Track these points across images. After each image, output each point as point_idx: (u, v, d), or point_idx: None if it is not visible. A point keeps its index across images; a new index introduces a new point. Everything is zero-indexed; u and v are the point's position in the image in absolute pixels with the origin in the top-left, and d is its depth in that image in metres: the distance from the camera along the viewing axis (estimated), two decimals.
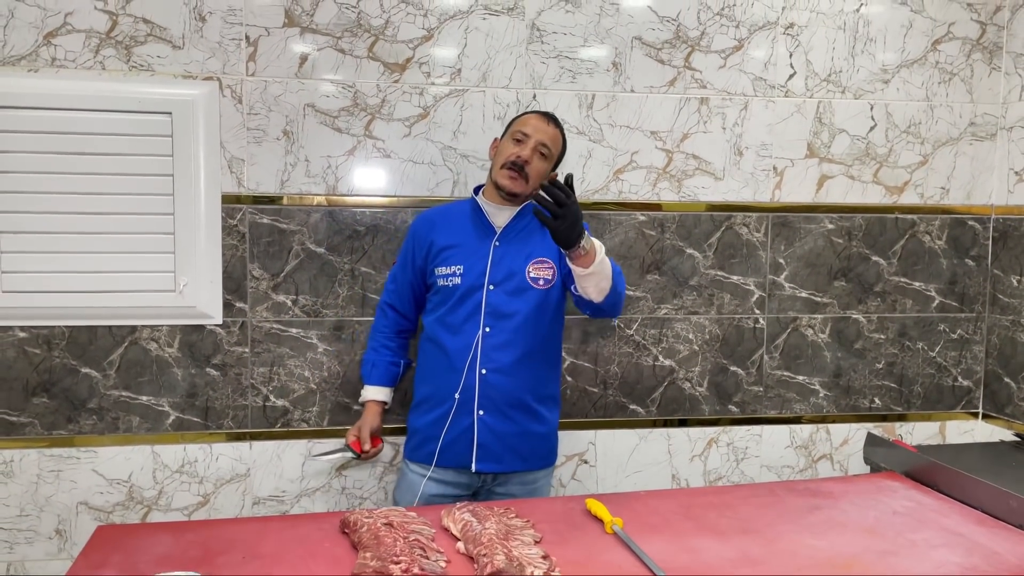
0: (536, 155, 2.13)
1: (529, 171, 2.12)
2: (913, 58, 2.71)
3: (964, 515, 1.90)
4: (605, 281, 1.97)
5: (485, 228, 2.18)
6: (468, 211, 2.23)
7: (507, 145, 2.16)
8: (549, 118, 2.20)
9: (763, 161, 2.65)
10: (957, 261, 2.79)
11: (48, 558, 2.40)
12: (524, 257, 2.15)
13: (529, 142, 2.13)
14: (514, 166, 2.11)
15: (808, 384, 2.75)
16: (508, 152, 2.14)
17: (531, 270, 2.14)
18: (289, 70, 2.40)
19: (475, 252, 2.15)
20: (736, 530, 1.80)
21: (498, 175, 2.14)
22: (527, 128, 2.15)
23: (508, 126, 2.23)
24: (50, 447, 2.37)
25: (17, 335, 2.33)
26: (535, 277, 2.13)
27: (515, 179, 2.12)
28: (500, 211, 2.19)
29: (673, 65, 2.58)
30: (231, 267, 2.41)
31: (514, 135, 2.16)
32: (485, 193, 2.23)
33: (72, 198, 2.30)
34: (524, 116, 2.22)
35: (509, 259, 2.14)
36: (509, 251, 2.15)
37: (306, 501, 2.50)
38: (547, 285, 2.14)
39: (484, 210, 2.20)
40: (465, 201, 2.27)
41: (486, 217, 2.19)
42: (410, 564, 1.52)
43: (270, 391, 2.46)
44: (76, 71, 2.30)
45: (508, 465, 2.14)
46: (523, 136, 2.14)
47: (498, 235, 2.17)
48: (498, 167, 2.14)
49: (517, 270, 2.13)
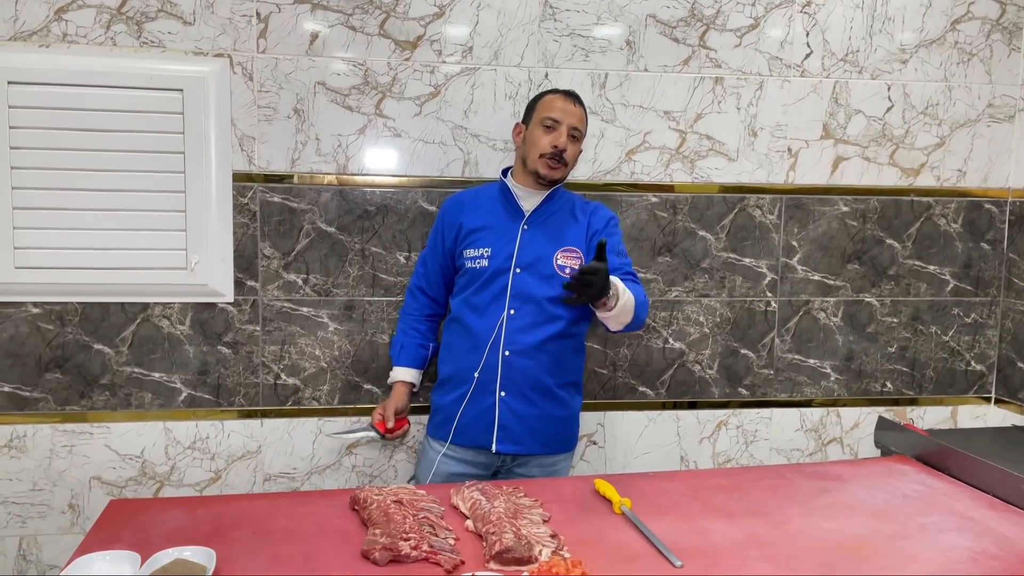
0: (569, 140, 2.13)
1: (567, 157, 2.13)
2: (932, 38, 2.67)
3: (975, 499, 1.89)
4: (626, 316, 1.99)
5: (514, 211, 2.18)
6: (497, 193, 2.22)
7: (538, 133, 2.13)
8: (574, 98, 2.17)
9: (777, 142, 2.63)
10: (972, 245, 2.76)
11: (61, 532, 2.42)
12: (552, 243, 2.14)
13: (562, 128, 2.12)
14: (553, 156, 2.11)
15: (819, 367, 2.73)
16: (543, 142, 2.12)
17: (559, 257, 2.13)
18: (300, 47, 2.38)
19: (503, 235, 2.15)
20: (745, 512, 1.80)
21: (538, 165, 2.12)
22: (556, 113, 2.12)
23: (531, 109, 2.20)
24: (63, 422, 2.39)
25: (30, 311, 2.34)
26: (562, 265, 2.13)
27: (555, 168, 2.12)
28: (530, 195, 2.18)
29: (688, 44, 2.55)
30: (242, 245, 2.41)
31: (543, 122, 2.13)
32: (515, 176, 2.21)
33: (83, 175, 2.30)
34: (548, 98, 2.18)
35: (537, 243, 2.14)
36: (537, 235, 2.15)
37: (316, 478, 2.52)
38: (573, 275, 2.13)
39: (514, 193, 2.19)
40: (494, 184, 2.26)
41: (515, 200, 2.18)
42: (419, 541, 1.53)
43: (281, 369, 2.47)
44: (87, 47, 2.29)
45: (528, 447, 2.15)
46: (553, 123, 2.12)
47: (527, 218, 2.16)
48: (534, 157, 2.13)
49: (545, 255, 2.13)
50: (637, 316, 2.03)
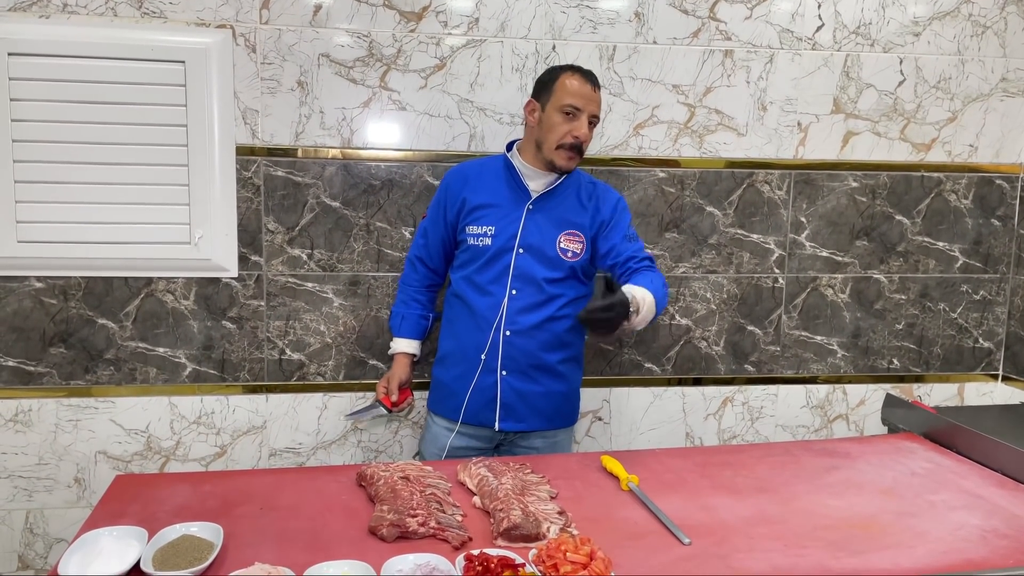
0: (589, 129, 2.07)
1: (585, 147, 2.08)
2: (945, 10, 2.62)
3: (983, 477, 1.89)
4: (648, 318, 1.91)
5: (520, 191, 2.14)
6: (502, 170, 2.17)
7: (557, 119, 2.05)
8: (594, 81, 2.08)
9: (787, 117, 2.59)
10: (983, 221, 2.74)
11: (67, 506, 2.43)
12: (556, 225, 2.12)
13: (583, 117, 2.05)
14: (572, 147, 2.05)
15: (826, 344, 2.72)
16: (562, 130, 2.04)
17: (562, 240, 2.11)
18: (303, 18, 2.34)
19: (508, 215, 2.12)
20: (752, 489, 1.79)
21: (554, 155, 2.06)
22: (577, 100, 2.04)
23: (546, 87, 2.09)
24: (68, 397, 2.39)
25: (33, 285, 2.33)
26: (564, 248, 2.11)
27: (573, 159, 2.08)
28: (538, 175, 2.13)
29: (697, 16, 2.50)
30: (246, 220, 2.39)
31: (563, 108, 2.04)
32: (523, 154, 2.15)
33: (86, 148, 2.28)
34: (566, 80, 2.06)
35: (541, 225, 2.11)
36: (542, 217, 2.12)
37: (322, 454, 2.52)
38: (575, 258, 2.11)
39: (520, 172, 2.15)
40: (498, 157, 2.21)
41: (521, 179, 2.14)
42: (427, 517, 1.52)
43: (286, 344, 2.46)
44: (87, 17, 2.26)
45: (531, 424, 2.16)
46: (575, 111, 2.04)
47: (533, 200, 2.13)
48: (551, 145, 2.06)
49: (548, 237, 2.11)
50: (659, 310, 1.95)
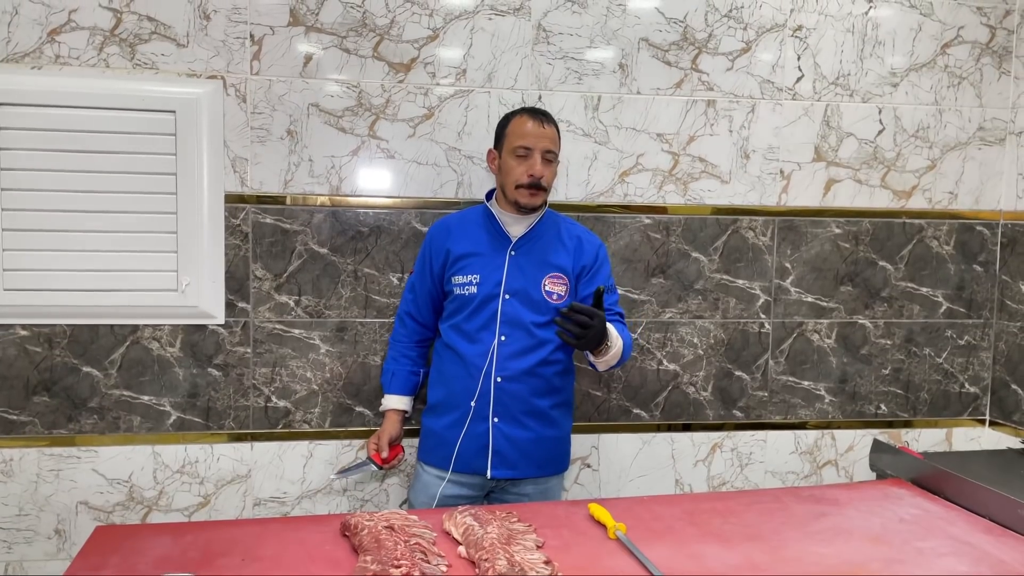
0: (545, 165, 2.11)
1: (545, 183, 2.12)
2: (922, 62, 2.69)
3: (971, 523, 1.88)
4: (614, 360, 2.08)
5: (501, 238, 2.17)
6: (483, 219, 2.21)
7: (512, 163, 2.11)
8: (543, 117, 2.14)
9: (770, 164, 2.63)
10: (965, 267, 2.77)
11: (47, 558, 2.38)
12: (540, 268, 2.14)
13: (535, 155, 2.10)
14: (531, 186, 2.09)
15: (813, 389, 2.72)
16: (518, 171, 2.10)
17: (546, 283, 2.13)
18: (293, 69, 2.39)
19: (491, 262, 2.14)
20: (741, 536, 1.78)
21: (516, 195, 2.11)
22: (527, 140, 2.10)
23: (501, 134, 2.17)
24: (50, 446, 2.36)
25: (18, 333, 2.32)
26: (550, 291, 2.13)
27: (535, 195, 2.11)
28: (516, 221, 2.17)
29: (680, 67, 2.56)
30: (234, 267, 2.40)
31: (515, 151, 2.11)
32: (499, 202, 2.20)
33: (75, 196, 2.29)
34: (516, 123, 2.14)
35: (525, 269, 2.13)
36: (525, 261, 2.14)
37: (307, 503, 2.49)
38: (560, 300, 2.13)
39: (499, 219, 2.18)
40: (479, 207, 2.25)
41: (501, 226, 2.17)
42: (411, 568, 1.50)
43: (272, 392, 2.44)
44: (80, 68, 2.29)
45: (523, 472, 2.14)
46: (526, 150, 2.10)
47: (513, 244, 2.15)
48: (511, 187, 2.11)
49: (533, 281, 2.13)
50: (623, 359, 2.11)
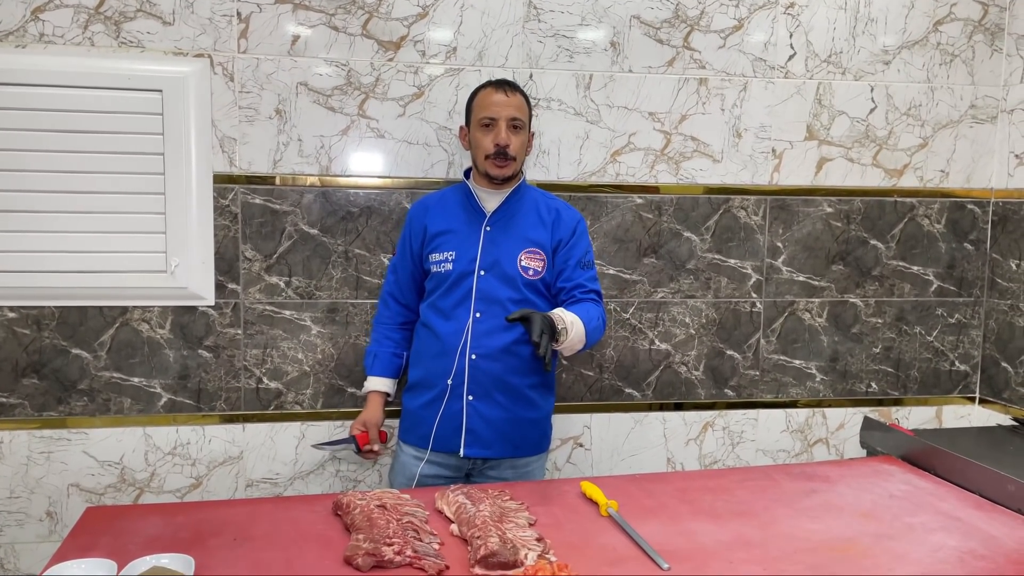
0: (511, 133, 2.09)
1: (512, 152, 2.09)
2: (914, 39, 2.68)
3: (961, 499, 1.89)
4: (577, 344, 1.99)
5: (476, 213, 2.16)
6: (460, 196, 2.20)
7: (479, 135, 2.11)
8: (508, 86, 2.13)
9: (762, 143, 2.63)
10: (956, 245, 2.77)
11: (39, 540, 2.38)
12: (516, 244, 2.12)
13: (500, 124, 2.08)
14: (498, 155, 2.08)
15: (805, 368, 2.73)
16: (485, 142, 2.09)
17: (522, 258, 2.11)
18: (281, 48, 2.36)
19: (467, 238, 2.13)
20: (732, 513, 1.79)
21: (486, 166, 2.10)
22: (491, 111, 2.09)
23: (468, 109, 2.17)
24: (41, 428, 2.35)
25: (6, 315, 2.30)
26: (525, 267, 2.11)
27: (503, 166, 2.09)
28: (491, 195, 2.16)
29: (672, 45, 2.54)
30: (223, 248, 2.38)
31: (481, 121, 2.10)
32: (475, 178, 2.19)
33: (61, 176, 2.27)
34: (481, 95, 2.13)
35: (500, 244, 2.12)
36: (500, 236, 2.13)
37: (299, 484, 2.49)
38: (536, 276, 2.12)
39: (475, 194, 2.17)
40: (459, 185, 2.24)
41: (477, 201, 2.17)
42: (403, 546, 1.50)
43: (263, 373, 2.44)
44: (65, 47, 2.26)
45: (497, 451, 2.13)
46: (491, 120, 2.09)
47: (488, 219, 2.14)
48: (481, 159, 2.11)
49: (508, 256, 2.11)
50: (589, 341, 2.03)
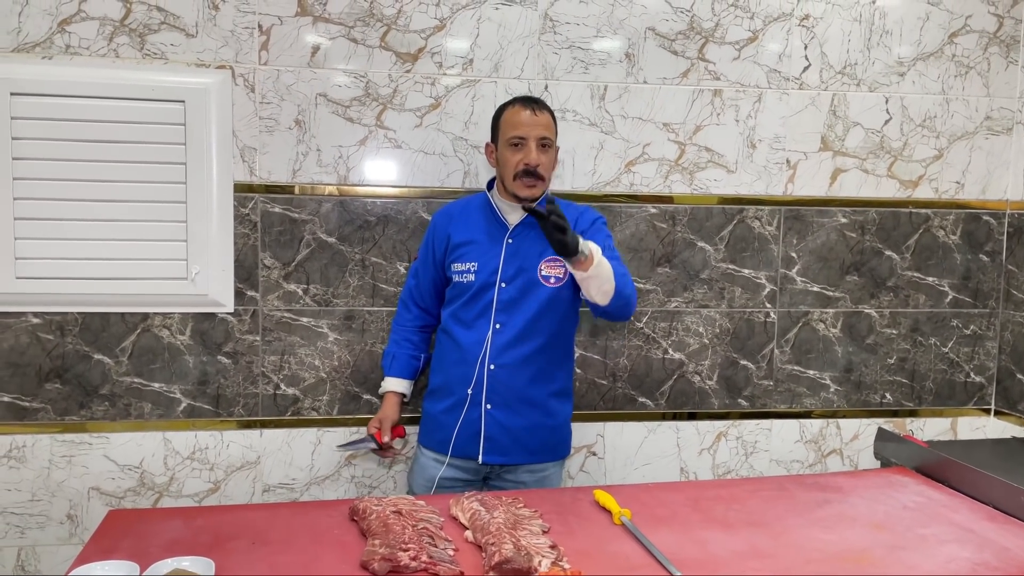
0: (541, 152, 2.10)
1: (542, 171, 2.10)
2: (929, 51, 2.69)
3: (975, 511, 1.89)
4: (607, 284, 1.96)
5: (498, 224, 2.18)
6: (483, 207, 2.22)
7: (508, 153, 2.11)
8: (535, 104, 2.13)
9: (776, 154, 2.64)
10: (971, 256, 2.77)
11: (59, 543, 2.42)
12: (536, 254, 2.14)
13: (529, 144, 2.08)
14: (528, 175, 2.08)
15: (819, 379, 2.73)
16: (513, 162, 2.10)
17: (543, 268, 2.13)
18: (301, 59, 2.40)
19: (489, 249, 2.15)
20: (744, 523, 1.79)
21: (514, 187, 2.10)
22: (520, 130, 2.09)
23: (496, 126, 2.18)
24: (62, 432, 2.39)
25: (30, 321, 2.35)
26: (547, 275, 2.13)
27: (533, 186, 2.10)
28: (513, 208, 2.17)
29: (687, 56, 2.56)
30: (243, 256, 2.42)
31: (510, 141, 2.10)
32: (499, 191, 2.21)
33: (85, 185, 2.31)
34: (509, 113, 2.13)
35: (521, 256, 2.14)
36: (522, 248, 2.15)
37: (315, 489, 2.52)
38: (558, 283, 2.13)
39: (497, 207, 2.19)
40: (482, 195, 2.26)
41: (499, 214, 2.19)
42: (419, 552, 1.52)
43: (281, 379, 2.47)
44: (90, 59, 2.31)
45: (515, 458, 2.16)
46: (520, 140, 2.09)
47: (510, 232, 2.16)
48: (510, 179, 2.11)
49: (529, 267, 2.13)
50: (620, 290, 1.99)
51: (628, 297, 2.05)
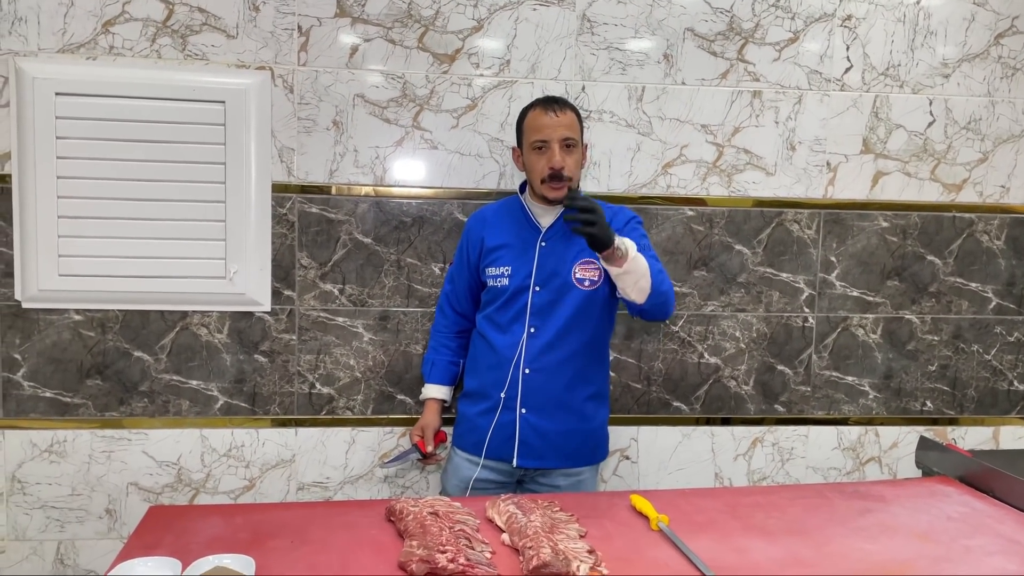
0: (565, 153, 2.08)
1: (568, 173, 2.08)
2: (975, 52, 2.63)
3: (1021, 522, 1.85)
4: (644, 280, 1.95)
5: (531, 228, 2.17)
6: (516, 209, 2.22)
7: (532, 158, 2.10)
8: (557, 105, 2.10)
9: (816, 156, 2.60)
10: (1016, 262, 2.71)
11: (98, 537, 2.45)
12: (570, 257, 2.12)
13: (553, 146, 2.07)
14: (553, 178, 2.07)
15: (857, 385, 2.69)
16: (539, 166, 2.09)
17: (577, 271, 2.12)
18: (340, 60, 2.41)
19: (522, 253, 2.15)
20: (784, 531, 1.77)
21: (542, 190, 2.10)
22: (542, 133, 2.07)
23: (519, 130, 2.17)
24: (102, 428, 2.42)
25: (72, 318, 2.38)
26: (581, 278, 2.12)
27: (559, 188, 2.08)
28: (546, 211, 2.17)
29: (726, 57, 2.54)
30: (280, 255, 2.43)
31: (533, 145, 2.09)
32: (530, 195, 2.20)
33: (127, 184, 2.34)
34: (530, 117, 2.12)
35: (555, 259, 2.13)
36: (555, 250, 2.14)
37: (349, 488, 2.53)
38: (593, 286, 2.12)
39: (529, 210, 2.19)
40: (514, 198, 2.25)
41: (531, 217, 2.18)
42: (456, 554, 1.52)
43: (316, 379, 2.48)
44: (133, 59, 2.34)
45: (549, 462, 2.15)
46: (543, 143, 2.08)
47: (543, 234, 2.15)
48: (537, 182, 2.11)
49: (563, 270, 2.12)
50: (657, 287, 1.97)
51: (666, 294, 2.03)
